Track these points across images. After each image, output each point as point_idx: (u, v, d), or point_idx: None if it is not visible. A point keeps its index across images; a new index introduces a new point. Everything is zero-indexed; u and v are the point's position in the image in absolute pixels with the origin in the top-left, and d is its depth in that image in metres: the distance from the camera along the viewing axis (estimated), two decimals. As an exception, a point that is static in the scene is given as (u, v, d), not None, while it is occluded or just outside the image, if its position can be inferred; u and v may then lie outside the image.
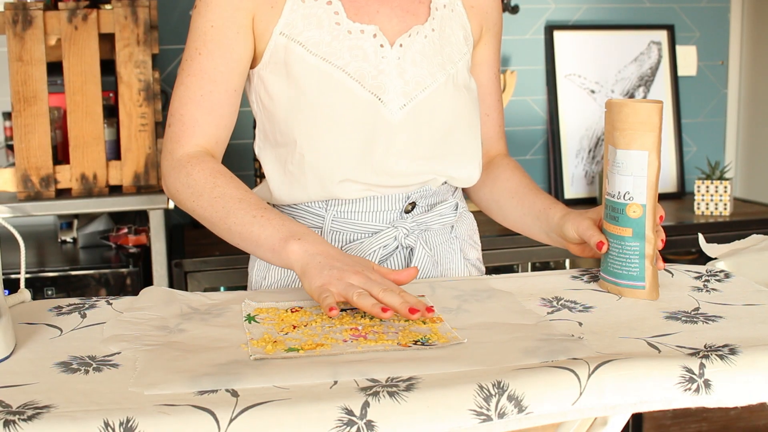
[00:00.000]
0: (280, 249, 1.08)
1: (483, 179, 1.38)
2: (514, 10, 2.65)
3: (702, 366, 0.84)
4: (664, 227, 1.18)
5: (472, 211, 1.41)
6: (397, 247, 1.25)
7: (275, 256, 1.10)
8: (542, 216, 1.27)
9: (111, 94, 2.08)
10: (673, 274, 1.18)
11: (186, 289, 2.06)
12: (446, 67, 1.25)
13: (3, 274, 1.34)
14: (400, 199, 1.26)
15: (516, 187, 1.33)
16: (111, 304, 1.07)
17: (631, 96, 2.78)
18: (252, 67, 1.24)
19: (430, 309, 0.99)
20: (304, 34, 1.20)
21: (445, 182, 1.30)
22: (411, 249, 1.26)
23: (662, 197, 2.72)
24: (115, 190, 2.05)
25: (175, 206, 2.14)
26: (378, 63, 1.21)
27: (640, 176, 1.06)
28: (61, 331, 0.97)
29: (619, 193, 1.08)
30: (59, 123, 2.09)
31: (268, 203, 1.24)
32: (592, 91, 2.75)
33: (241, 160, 2.55)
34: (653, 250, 1.07)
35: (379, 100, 1.20)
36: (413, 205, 1.27)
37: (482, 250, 1.42)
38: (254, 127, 1.32)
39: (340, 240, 1.25)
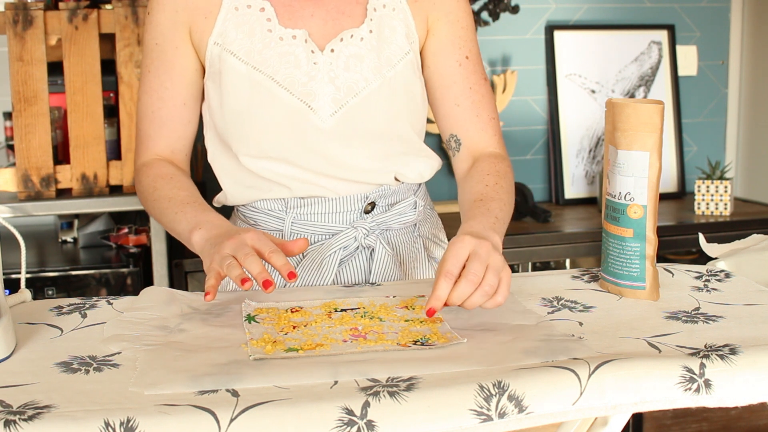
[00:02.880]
0: (189, 241, 1.14)
1: (463, 178, 1.29)
2: (515, 10, 2.65)
3: (702, 366, 0.84)
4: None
5: (442, 210, 1.40)
6: (357, 248, 1.25)
7: (189, 247, 1.15)
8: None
9: (111, 94, 2.08)
10: (673, 274, 1.18)
11: (186, 289, 2.06)
12: (382, 71, 1.22)
13: (3, 274, 1.34)
14: (359, 199, 1.25)
15: (464, 200, 1.24)
16: (111, 304, 1.07)
17: (632, 96, 2.78)
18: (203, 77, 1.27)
19: (280, 280, 1.02)
20: (236, 42, 1.20)
21: (402, 183, 1.29)
22: (372, 249, 1.26)
23: (663, 197, 2.72)
24: (116, 190, 2.05)
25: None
26: (309, 69, 1.20)
27: (641, 177, 1.06)
28: (62, 331, 0.97)
29: (620, 193, 1.08)
30: (60, 123, 2.09)
31: (222, 206, 1.31)
32: (593, 91, 2.75)
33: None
34: (654, 251, 1.07)
35: (309, 107, 1.19)
36: (373, 205, 1.26)
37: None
38: None
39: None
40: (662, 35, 2.83)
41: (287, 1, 1.21)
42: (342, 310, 1.03)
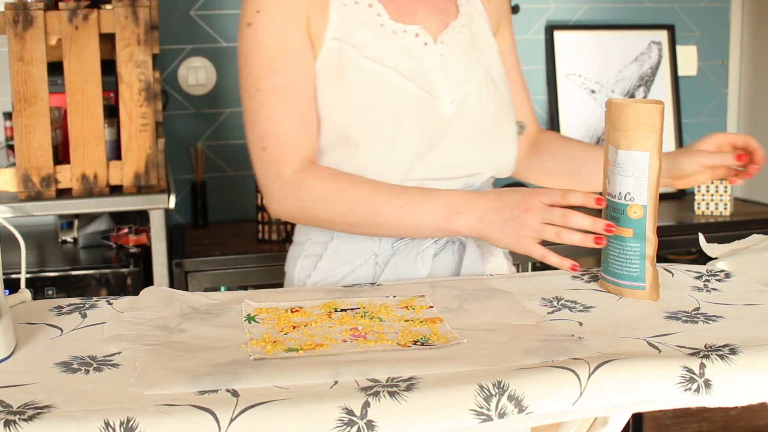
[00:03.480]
0: (446, 227, 1.16)
1: (537, 155, 1.45)
2: (515, 10, 2.65)
3: (702, 366, 0.84)
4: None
5: None
6: (447, 242, 1.27)
7: (441, 233, 1.18)
8: None
9: (111, 94, 2.08)
10: (673, 274, 1.18)
11: (186, 289, 2.06)
12: (481, 60, 1.30)
13: (3, 274, 1.34)
14: None
15: (582, 147, 1.43)
16: (111, 304, 1.07)
17: (632, 96, 2.78)
18: None
19: (609, 226, 1.06)
20: (354, 36, 1.21)
21: (491, 176, 1.33)
22: (462, 243, 1.28)
23: (663, 197, 2.72)
24: (116, 190, 2.05)
25: (176, 206, 2.15)
26: (423, 61, 1.24)
27: (641, 177, 1.06)
28: (62, 331, 0.97)
29: (620, 193, 1.08)
30: (60, 123, 2.09)
31: None
32: (593, 91, 2.75)
33: (242, 161, 2.55)
34: (654, 251, 1.07)
35: (432, 96, 1.23)
36: None
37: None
38: None
39: (396, 237, 1.26)
40: (662, 35, 2.83)
41: None
42: (342, 310, 1.03)
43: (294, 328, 0.97)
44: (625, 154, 1.06)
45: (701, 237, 1.24)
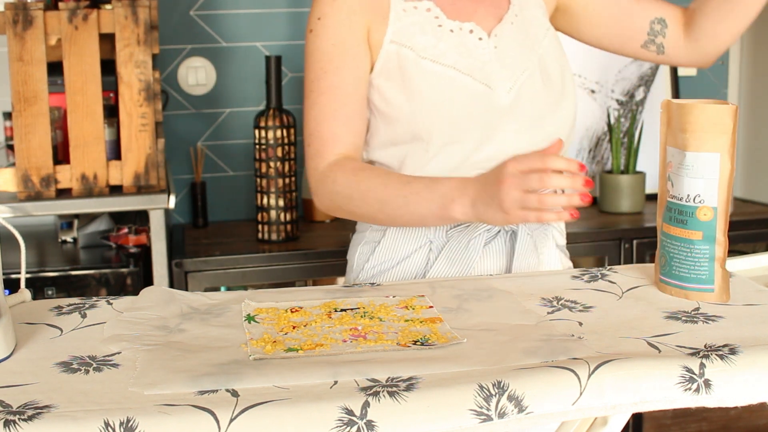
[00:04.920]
0: (446, 216, 1.19)
1: (696, 26, 1.37)
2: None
3: (702, 366, 0.84)
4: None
5: None
6: (499, 231, 1.29)
7: (444, 221, 1.21)
8: None
9: (111, 94, 2.08)
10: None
11: (186, 289, 2.06)
12: (535, 48, 1.33)
13: (3, 274, 1.34)
14: None
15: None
16: (111, 304, 1.07)
17: (632, 96, 2.78)
18: None
19: (588, 182, 1.08)
20: (412, 39, 1.27)
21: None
22: (513, 232, 1.30)
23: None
24: (116, 190, 2.05)
25: (176, 206, 2.15)
26: (480, 55, 1.29)
27: (711, 179, 1.05)
28: (62, 331, 0.97)
29: (687, 195, 1.07)
30: (59, 123, 2.09)
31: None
32: (592, 91, 2.75)
33: (242, 161, 2.55)
34: (724, 253, 1.06)
35: (489, 88, 1.28)
36: None
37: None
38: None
39: (449, 225, 1.29)
40: (662, 35, 2.83)
41: (450, 0, 1.31)
42: (342, 310, 1.03)
43: (294, 328, 0.97)
44: (693, 156, 1.05)
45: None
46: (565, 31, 1.46)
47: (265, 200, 2.18)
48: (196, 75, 2.50)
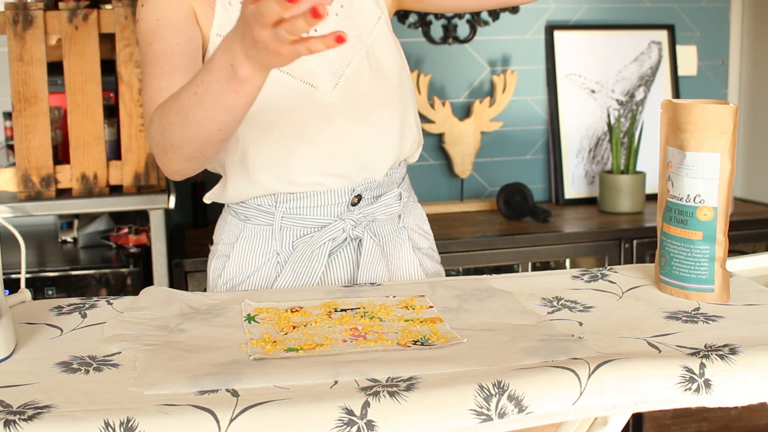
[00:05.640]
0: (239, 88, 1.01)
1: None
2: (515, 10, 2.65)
3: (702, 366, 0.84)
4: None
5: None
6: (345, 239, 1.28)
7: (247, 93, 1.03)
8: None
9: (111, 94, 2.08)
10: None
11: (186, 289, 2.06)
12: (363, 38, 1.28)
13: (3, 274, 1.34)
14: (346, 192, 1.28)
15: None
16: (111, 304, 1.07)
17: (632, 96, 2.78)
18: None
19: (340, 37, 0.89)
20: None
21: (391, 169, 1.31)
22: (359, 240, 1.28)
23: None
24: (116, 190, 2.05)
25: (176, 206, 2.14)
26: None
27: (711, 178, 1.05)
28: (62, 330, 0.97)
29: (688, 195, 1.06)
30: (60, 123, 2.09)
31: (212, 203, 1.33)
32: (593, 91, 2.75)
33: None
34: (724, 253, 1.06)
35: (311, 86, 1.24)
36: (359, 197, 1.29)
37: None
38: None
39: (291, 235, 1.28)
40: (662, 35, 2.83)
41: None
42: (342, 310, 1.03)
43: (294, 328, 0.97)
44: (693, 156, 1.05)
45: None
46: (413, 8, 1.40)
47: (265, 200, 2.18)
48: (196, 75, 2.49)
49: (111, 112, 2.08)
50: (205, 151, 1.13)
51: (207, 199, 1.33)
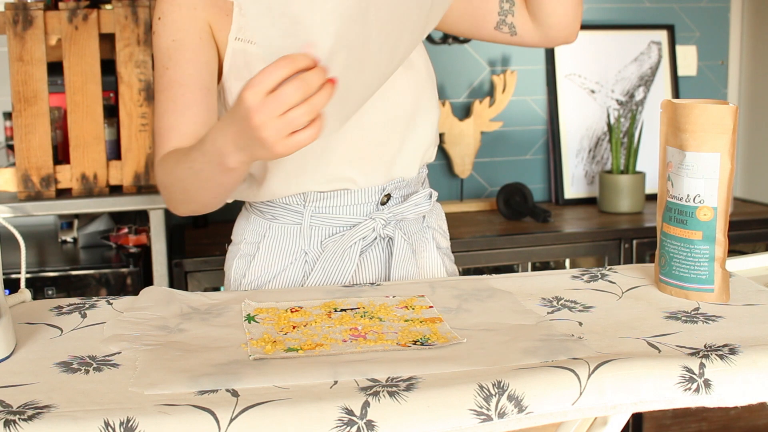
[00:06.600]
0: (229, 173, 1.06)
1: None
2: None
3: (702, 366, 0.84)
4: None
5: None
6: (375, 238, 1.28)
7: (236, 176, 1.08)
8: None
9: (111, 94, 2.08)
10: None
11: (186, 289, 2.06)
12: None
13: (3, 274, 1.34)
14: (376, 191, 1.28)
15: None
16: (111, 303, 1.07)
17: (631, 96, 2.78)
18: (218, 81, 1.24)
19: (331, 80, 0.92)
20: (256, 35, 1.19)
21: (421, 168, 1.32)
22: (390, 239, 1.28)
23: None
24: (116, 190, 2.05)
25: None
26: None
27: (711, 178, 1.05)
28: (62, 330, 0.97)
29: (688, 195, 1.06)
30: (60, 123, 2.09)
31: (234, 201, 1.33)
32: (592, 91, 2.75)
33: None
34: (724, 253, 1.06)
35: None
36: (388, 196, 1.29)
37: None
38: None
39: (319, 234, 1.27)
40: (662, 35, 2.83)
41: None
42: (342, 310, 1.03)
43: (294, 328, 0.97)
44: (693, 156, 1.05)
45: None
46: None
47: (265, 200, 2.18)
48: (196, 75, 2.49)
49: (111, 112, 2.08)
50: (206, 209, 1.20)
51: (230, 198, 1.30)
